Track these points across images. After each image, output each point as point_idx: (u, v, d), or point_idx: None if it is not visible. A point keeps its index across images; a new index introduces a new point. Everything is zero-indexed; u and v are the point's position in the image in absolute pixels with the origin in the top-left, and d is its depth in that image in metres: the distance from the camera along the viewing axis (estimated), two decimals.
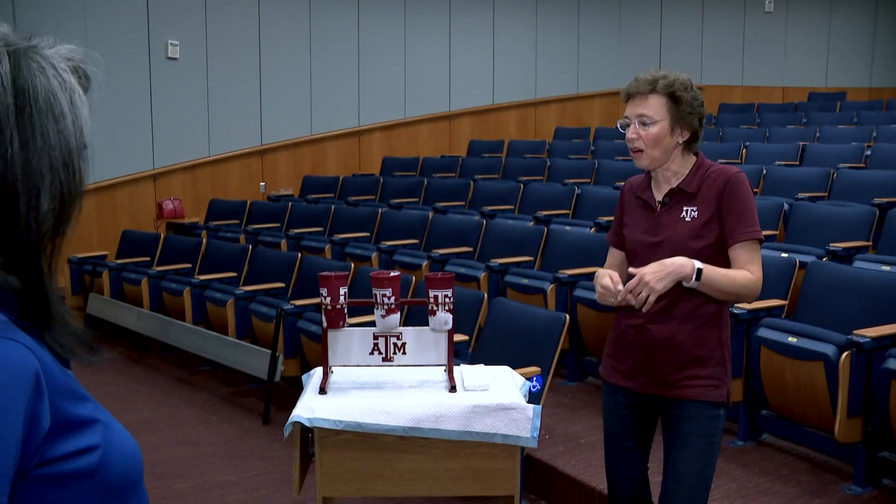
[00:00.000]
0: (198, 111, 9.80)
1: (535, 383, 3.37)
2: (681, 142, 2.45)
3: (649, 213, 2.50)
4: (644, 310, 2.30)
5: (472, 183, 8.50)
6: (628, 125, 2.46)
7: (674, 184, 2.46)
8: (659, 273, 2.28)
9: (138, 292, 6.58)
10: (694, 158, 2.50)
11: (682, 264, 2.30)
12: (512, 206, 7.73)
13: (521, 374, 2.97)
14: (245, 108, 10.14)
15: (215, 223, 8.54)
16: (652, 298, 2.27)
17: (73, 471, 0.92)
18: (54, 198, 0.92)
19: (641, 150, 2.42)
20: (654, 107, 2.41)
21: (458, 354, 3.92)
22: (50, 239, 0.94)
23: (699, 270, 2.31)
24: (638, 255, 2.50)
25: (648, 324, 2.44)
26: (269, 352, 5.04)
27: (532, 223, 6.71)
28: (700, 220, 2.41)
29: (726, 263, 2.41)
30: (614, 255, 2.68)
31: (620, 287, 2.33)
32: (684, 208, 2.43)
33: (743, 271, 2.38)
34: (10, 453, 0.84)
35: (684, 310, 2.41)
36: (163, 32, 9.47)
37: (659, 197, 2.49)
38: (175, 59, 9.57)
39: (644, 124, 2.41)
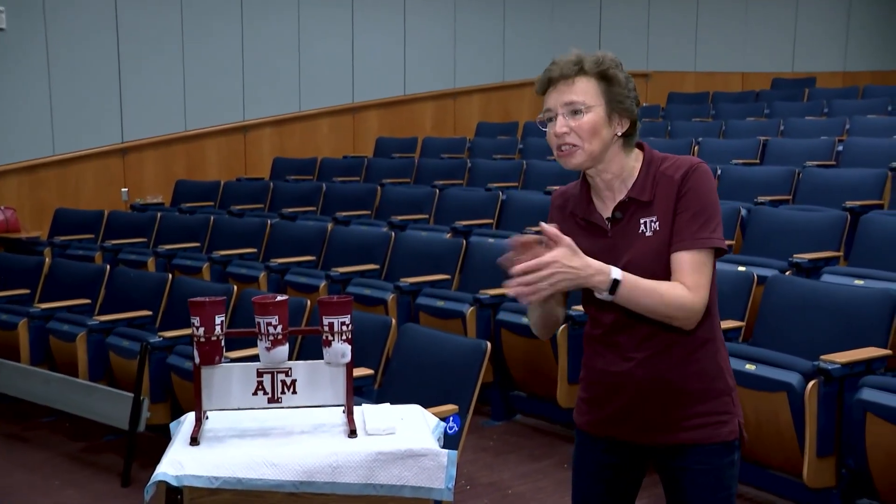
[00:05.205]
0: (37, 97, 9.53)
1: (451, 424, 3.38)
2: (619, 133, 2.31)
3: (599, 236, 2.36)
4: (511, 292, 2.14)
5: (379, 188, 8.53)
6: (553, 118, 2.32)
7: (621, 193, 2.34)
8: (566, 273, 2.13)
9: None
10: (639, 154, 2.38)
11: (597, 271, 2.17)
12: (426, 216, 7.77)
13: (435, 414, 2.97)
14: (101, 96, 9.94)
15: (63, 238, 8.37)
16: (543, 294, 2.15)
17: None
18: None
19: (576, 146, 2.28)
20: (585, 90, 2.28)
21: (360, 392, 3.92)
22: None
23: (615, 282, 2.18)
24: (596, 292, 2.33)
25: (627, 362, 2.34)
26: (132, 395, 4.95)
27: (449, 235, 6.75)
28: (664, 232, 2.29)
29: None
30: None
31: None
32: (641, 221, 2.31)
33: (677, 286, 2.24)
34: None
35: (665, 340, 2.31)
36: None
37: (607, 213, 2.36)
38: (2, 29, 9.30)
39: (575, 113, 2.28)
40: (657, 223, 2.30)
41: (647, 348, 2.33)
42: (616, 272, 2.18)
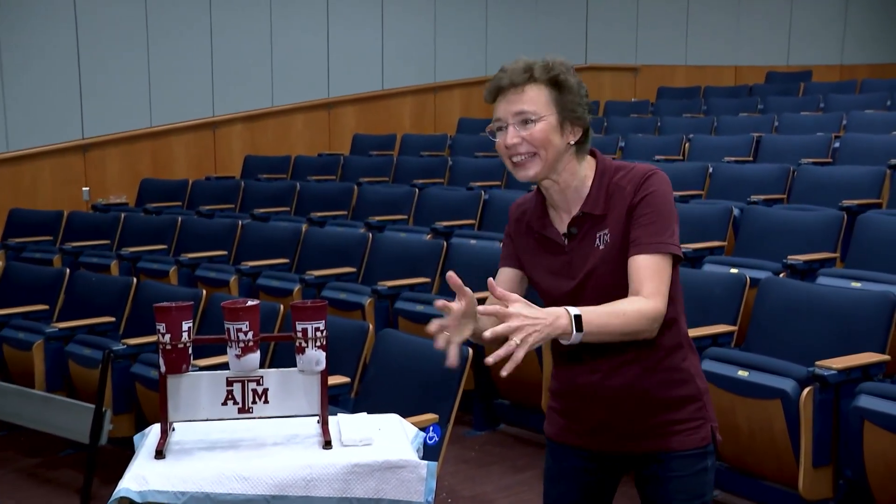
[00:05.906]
0: None
1: (431, 434, 3.38)
2: (572, 142, 2.37)
3: (556, 252, 2.44)
4: (505, 372, 2.07)
5: (355, 187, 8.53)
6: (503, 128, 2.36)
7: (576, 204, 2.40)
8: (534, 325, 2.07)
9: None
10: (592, 162, 2.44)
11: (557, 317, 2.11)
12: (405, 216, 7.77)
13: (414, 424, 2.98)
14: (59, 89, 9.88)
15: (18, 240, 8.32)
16: (520, 355, 2.06)
17: None
18: None
19: (533, 154, 2.33)
20: (535, 99, 2.33)
21: (336, 401, 3.92)
22: None
23: (577, 318, 2.13)
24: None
25: (595, 373, 2.41)
26: (93, 407, 4.92)
27: (429, 236, 6.76)
28: (614, 242, 2.34)
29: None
30: (507, 273, 2.58)
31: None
32: (597, 234, 2.37)
33: (634, 300, 2.25)
34: None
35: (630, 350, 2.36)
36: None
37: (562, 227, 2.43)
38: None
39: (526, 122, 2.33)
40: (608, 234, 2.35)
41: (612, 360, 2.39)
42: (573, 308, 2.14)
